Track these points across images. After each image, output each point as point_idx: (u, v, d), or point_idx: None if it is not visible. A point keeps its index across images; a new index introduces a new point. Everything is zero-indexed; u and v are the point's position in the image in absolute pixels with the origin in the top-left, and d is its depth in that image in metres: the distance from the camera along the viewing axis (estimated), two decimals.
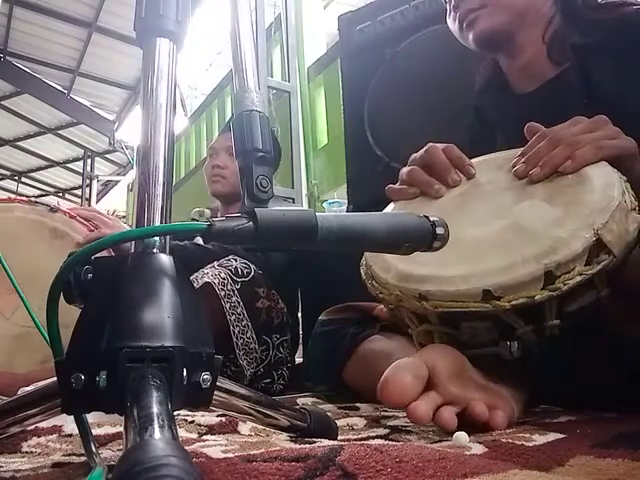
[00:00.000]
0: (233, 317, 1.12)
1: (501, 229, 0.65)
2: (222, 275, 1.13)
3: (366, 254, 0.74)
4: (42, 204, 1.04)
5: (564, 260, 0.58)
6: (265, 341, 1.22)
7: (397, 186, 0.81)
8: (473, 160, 0.80)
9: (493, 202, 0.71)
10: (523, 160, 0.71)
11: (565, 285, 0.57)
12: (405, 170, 0.81)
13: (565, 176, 0.67)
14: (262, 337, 1.21)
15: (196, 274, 1.15)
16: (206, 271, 1.14)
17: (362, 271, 0.75)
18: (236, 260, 1.19)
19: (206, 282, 1.10)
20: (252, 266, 1.21)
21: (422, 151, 0.79)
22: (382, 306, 0.87)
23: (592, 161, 0.66)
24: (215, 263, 1.17)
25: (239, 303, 1.14)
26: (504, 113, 0.96)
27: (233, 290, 1.13)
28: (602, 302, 0.60)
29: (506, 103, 0.96)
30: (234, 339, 1.11)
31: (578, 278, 0.58)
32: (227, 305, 1.11)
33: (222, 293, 1.11)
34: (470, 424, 0.56)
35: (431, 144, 0.79)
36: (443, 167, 0.78)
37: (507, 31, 0.90)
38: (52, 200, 1.07)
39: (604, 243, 0.58)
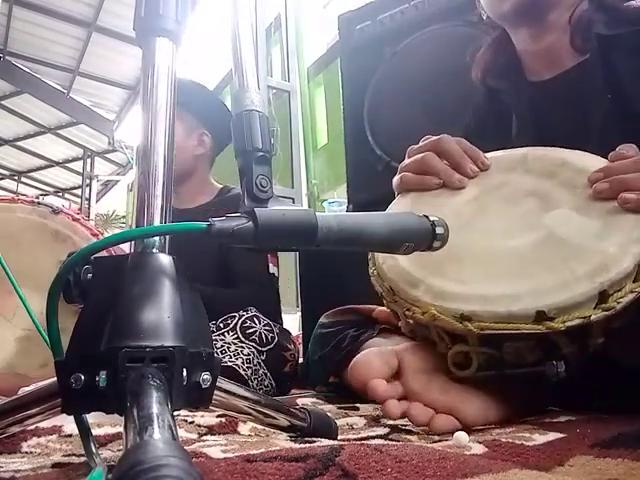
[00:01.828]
0: (261, 392, 1.09)
1: (537, 241, 0.61)
2: (245, 351, 1.09)
3: (380, 267, 0.68)
4: (45, 205, 1.02)
5: (617, 278, 0.55)
6: (286, 387, 1.21)
7: (414, 175, 0.74)
8: None
9: (516, 209, 0.67)
10: (609, 180, 0.62)
11: (619, 304, 0.55)
12: (417, 157, 0.74)
13: None
14: (286, 391, 1.20)
15: (215, 340, 1.10)
16: (227, 340, 1.10)
17: (376, 284, 0.69)
18: (259, 321, 1.15)
19: (230, 367, 1.05)
20: (274, 327, 1.17)
21: (430, 140, 0.74)
22: (382, 308, 0.87)
23: None
24: (237, 327, 1.12)
25: (266, 375, 1.11)
26: (518, 99, 0.92)
27: (259, 363, 1.10)
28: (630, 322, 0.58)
29: (519, 89, 0.93)
30: None
31: (630, 296, 0.55)
32: (254, 382, 1.08)
33: (249, 372, 1.07)
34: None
35: (444, 135, 0.74)
36: (459, 156, 0.72)
37: (545, 3, 0.85)
38: (53, 200, 1.05)
39: None
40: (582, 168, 0.66)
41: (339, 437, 0.56)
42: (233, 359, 1.06)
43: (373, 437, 0.58)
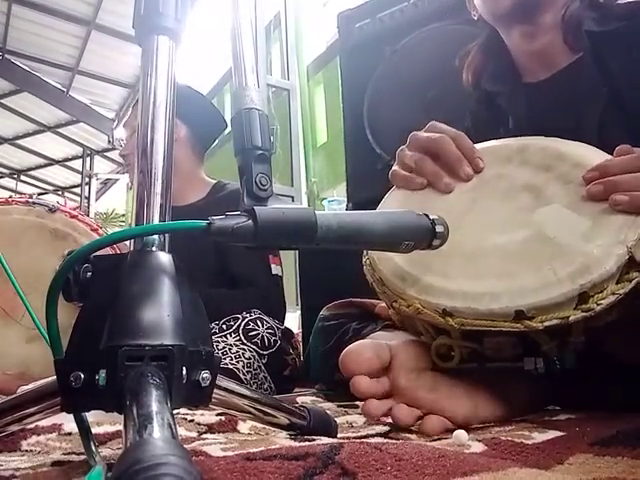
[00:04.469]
0: None
1: (525, 239, 0.61)
2: (247, 355, 1.09)
3: (372, 257, 0.69)
4: (40, 204, 1.02)
5: (599, 280, 0.55)
6: (285, 390, 1.21)
7: (404, 172, 0.73)
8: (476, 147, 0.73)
9: (509, 203, 0.66)
10: (603, 182, 0.60)
11: (599, 306, 0.55)
12: (411, 157, 0.72)
13: None
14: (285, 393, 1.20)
15: (217, 341, 1.09)
16: (229, 341, 1.10)
17: (367, 273, 0.70)
18: (262, 324, 1.15)
19: (230, 369, 1.04)
20: (277, 330, 1.17)
21: (429, 136, 0.71)
22: (383, 304, 0.87)
23: None
24: (240, 329, 1.12)
25: (266, 378, 1.11)
26: (514, 103, 0.92)
27: (260, 366, 1.10)
28: (627, 318, 0.58)
29: (515, 92, 0.92)
30: None
31: (611, 298, 0.55)
32: (253, 387, 1.07)
33: (248, 376, 1.06)
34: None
35: (439, 128, 0.72)
36: (454, 159, 0.70)
37: (541, 3, 0.85)
38: (52, 199, 1.05)
39: (636, 261, 0.56)
40: (579, 162, 0.65)
41: (339, 435, 0.56)
42: (234, 362, 1.06)
43: (373, 435, 0.58)
